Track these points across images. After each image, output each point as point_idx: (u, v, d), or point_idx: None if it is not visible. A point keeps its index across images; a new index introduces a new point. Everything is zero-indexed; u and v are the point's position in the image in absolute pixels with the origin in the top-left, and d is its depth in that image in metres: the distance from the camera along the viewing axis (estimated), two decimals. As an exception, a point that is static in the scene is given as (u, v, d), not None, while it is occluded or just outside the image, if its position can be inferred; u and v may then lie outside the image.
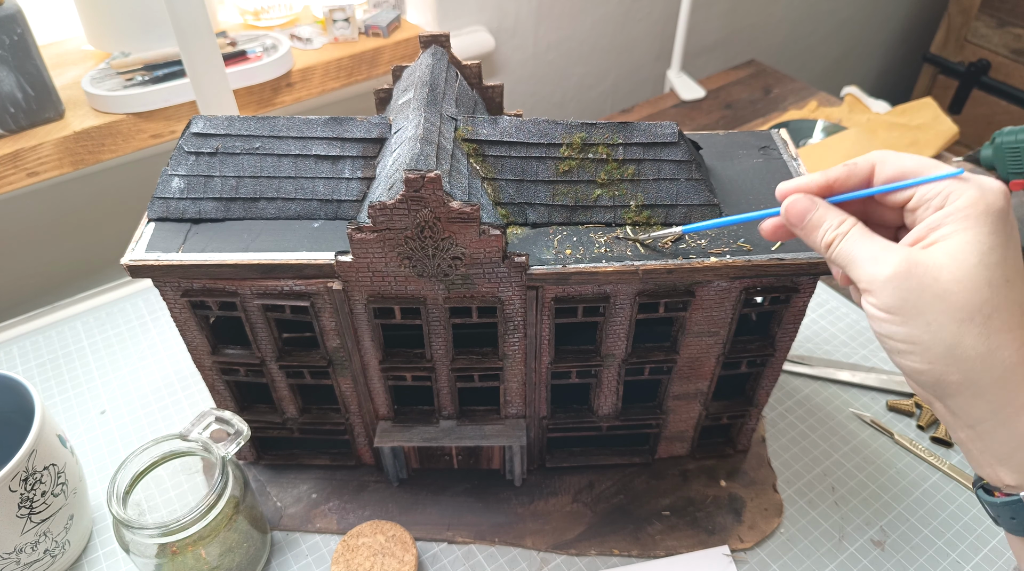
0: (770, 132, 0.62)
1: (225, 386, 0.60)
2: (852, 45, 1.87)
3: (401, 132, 0.51)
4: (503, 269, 0.50)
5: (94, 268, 1.03)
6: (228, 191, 0.53)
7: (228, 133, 0.53)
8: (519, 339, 0.55)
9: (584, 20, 1.29)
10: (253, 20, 1.03)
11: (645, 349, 0.58)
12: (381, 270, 0.50)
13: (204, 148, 0.53)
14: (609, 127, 0.52)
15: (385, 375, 0.58)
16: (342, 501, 0.66)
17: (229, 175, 0.53)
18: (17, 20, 0.78)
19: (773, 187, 0.52)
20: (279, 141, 0.53)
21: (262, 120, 0.53)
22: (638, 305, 0.53)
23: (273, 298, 0.53)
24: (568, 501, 0.66)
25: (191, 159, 0.53)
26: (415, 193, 0.45)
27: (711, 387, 0.62)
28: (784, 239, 0.47)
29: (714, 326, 0.56)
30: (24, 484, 0.53)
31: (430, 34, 0.59)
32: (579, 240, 0.51)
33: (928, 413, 0.72)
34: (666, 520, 0.64)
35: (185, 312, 0.54)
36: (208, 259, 0.50)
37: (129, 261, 0.50)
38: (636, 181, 0.52)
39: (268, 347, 0.57)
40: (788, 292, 0.54)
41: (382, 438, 0.61)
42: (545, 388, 0.60)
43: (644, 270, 0.50)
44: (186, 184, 0.53)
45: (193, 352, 0.58)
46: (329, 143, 0.53)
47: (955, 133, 1.13)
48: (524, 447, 0.62)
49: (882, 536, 0.63)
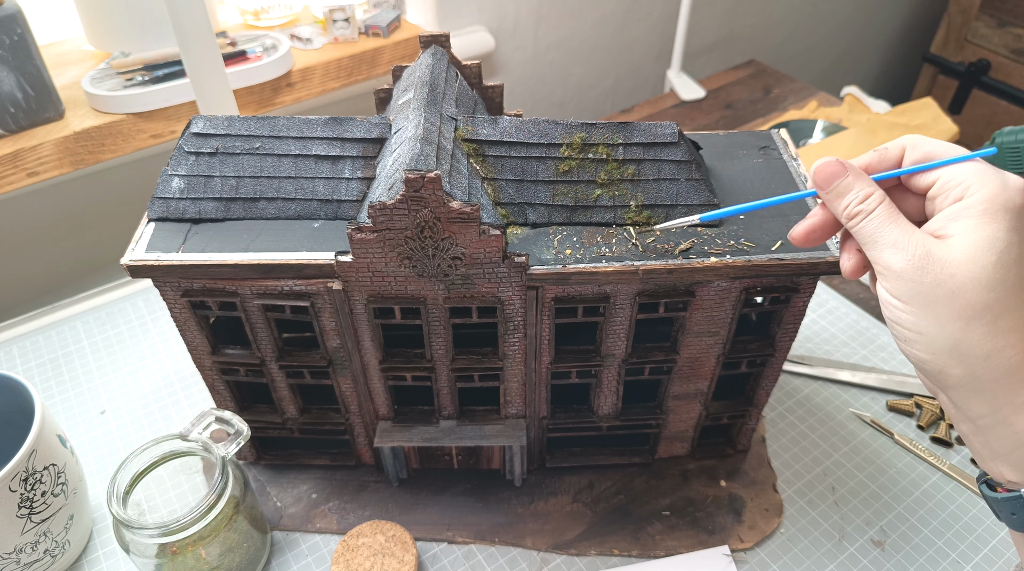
0: (770, 132, 0.62)
1: (225, 386, 0.60)
2: (852, 45, 1.87)
3: (401, 132, 0.51)
4: (503, 269, 0.50)
5: (94, 268, 1.03)
6: (228, 191, 0.53)
7: (228, 133, 0.53)
8: (519, 339, 0.55)
9: (584, 20, 1.29)
10: (253, 20, 1.03)
11: (645, 349, 0.58)
12: (381, 270, 0.50)
13: (204, 148, 0.53)
14: (609, 127, 0.52)
15: (385, 375, 0.58)
16: (342, 501, 0.66)
17: (229, 175, 0.53)
18: (17, 20, 0.78)
19: (773, 187, 0.52)
20: (279, 141, 0.53)
21: (262, 120, 0.53)
22: (638, 305, 0.53)
23: (273, 298, 0.53)
24: (568, 501, 0.66)
25: (191, 159, 0.53)
26: (415, 193, 0.45)
27: (711, 387, 0.62)
28: (816, 243, 0.45)
29: (714, 326, 0.56)
30: (24, 484, 0.53)
31: (430, 34, 0.59)
32: (579, 240, 0.51)
33: (928, 413, 0.72)
34: (666, 520, 0.64)
35: (185, 312, 0.54)
36: (208, 259, 0.50)
37: (129, 261, 0.50)
38: (636, 181, 0.52)
39: (268, 347, 0.57)
40: (788, 292, 0.54)
41: (382, 438, 0.61)
42: (545, 388, 0.60)
43: (644, 270, 0.50)
44: (186, 184, 0.53)
45: (193, 352, 0.58)
46: (329, 143, 0.53)
47: (955, 133, 1.13)
48: (524, 447, 0.62)
49: (882, 536, 0.63)
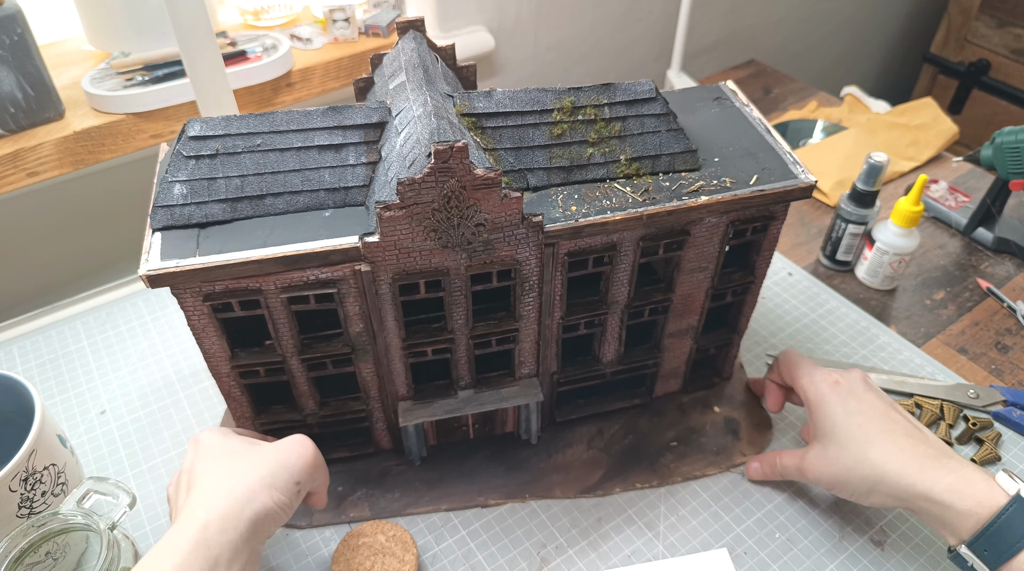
0: (719, 84, 0.68)
1: (242, 391, 0.60)
2: (852, 45, 1.87)
3: (405, 112, 0.52)
4: (522, 230, 0.53)
5: (94, 268, 1.03)
6: (233, 191, 0.52)
7: (227, 133, 0.53)
8: (533, 298, 0.58)
9: (584, 20, 1.29)
10: (253, 20, 1.03)
11: (645, 292, 0.63)
12: (407, 246, 0.51)
13: (204, 151, 0.52)
14: (594, 90, 0.56)
15: (406, 353, 0.59)
16: (369, 489, 0.66)
17: (233, 175, 0.52)
18: (17, 20, 0.78)
19: (735, 133, 0.62)
20: (280, 135, 0.53)
21: (260, 117, 0.53)
22: (641, 250, 0.58)
23: (298, 290, 0.52)
24: (584, 449, 0.70)
25: (191, 163, 0.52)
26: (443, 164, 0.47)
27: (701, 321, 0.67)
28: (779, 408, 0.69)
29: (704, 261, 0.62)
30: (24, 484, 0.53)
31: (406, 19, 0.60)
32: (580, 197, 0.55)
33: (928, 413, 0.73)
34: (675, 450, 0.70)
35: (204, 318, 0.53)
36: (231, 259, 0.49)
37: (147, 272, 0.49)
38: (623, 137, 0.56)
39: (289, 342, 0.56)
40: (766, 220, 0.60)
41: (406, 417, 0.62)
42: (556, 343, 0.63)
43: (648, 215, 0.54)
44: (189, 189, 0.52)
45: (211, 360, 0.57)
46: (331, 132, 0.53)
47: (955, 133, 1.13)
48: (540, 403, 0.65)
49: (882, 536, 0.63)
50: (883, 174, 0.82)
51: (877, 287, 0.88)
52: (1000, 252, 0.94)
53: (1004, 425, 0.72)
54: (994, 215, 0.93)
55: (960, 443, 0.71)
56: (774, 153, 0.60)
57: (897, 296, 0.88)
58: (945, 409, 0.73)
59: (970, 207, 0.97)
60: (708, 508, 0.65)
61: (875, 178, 0.82)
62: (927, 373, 0.78)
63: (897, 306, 0.87)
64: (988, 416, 0.73)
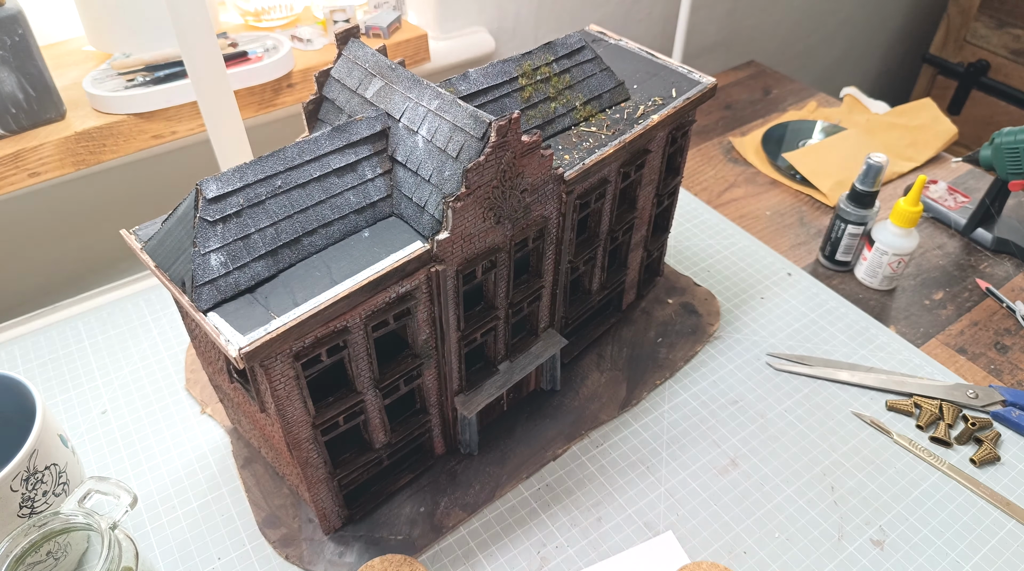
0: (584, 29, 0.76)
1: (320, 452, 0.56)
2: (852, 45, 1.87)
3: (411, 111, 0.53)
4: (551, 185, 0.56)
5: (94, 268, 1.03)
6: (270, 242, 0.49)
7: (245, 184, 0.49)
8: (552, 250, 0.62)
9: (584, 21, 1.29)
10: (254, 21, 1.03)
11: (619, 216, 0.71)
12: (470, 233, 0.53)
13: (228, 210, 0.48)
14: (541, 50, 0.64)
15: (459, 345, 0.60)
16: (448, 495, 0.66)
17: (265, 226, 0.49)
18: (18, 21, 0.78)
19: (629, 63, 0.72)
20: (297, 171, 0.51)
21: (272, 157, 0.51)
22: (621, 176, 0.65)
23: (381, 314, 0.52)
24: (599, 376, 0.77)
25: (219, 228, 0.48)
26: (503, 139, 0.49)
27: (649, 230, 0.77)
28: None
29: (653, 174, 0.71)
30: (25, 484, 0.54)
31: (344, 29, 0.60)
32: (564, 147, 0.61)
33: (927, 413, 0.73)
34: (664, 344, 0.80)
35: (290, 383, 0.50)
36: (320, 303, 0.47)
37: (244, 350, 0.44)
38: (572, 86, 0.64)
39: (367, 377, 0.55)
40: (688, 124, 0.71)
41: (467, 407, 0.64)
42: (564, 289, 0.68)
43: (628, 141, 0.62)
44: (226, 255, 0.48)
45: (292, 427, 0.52)
46: (342, 153, 0.53)
47: (954, 134, 1.13)
48: (562, 347, 0.70)
49: (881, 536, 0.64)
50: (882, 175, 0.82)
51: (876, 287, 0.89)
52: (999, 252, 0.95)
53: (1003, 425, 0.73)
54: (993, 215, 0.93)
55: (959, 443, 0.71)
56: (670, 70, 0.71)
57: (896, 296, 0.88)
58: (944, 409, 0.73)
59: (969, 207, 0.97)
60: (708, 508, 0.66)
61: (874, 179, 0.83)
62: (926, 373, 0.78)
63: (896, 306, 0.87)
64: (987, 416, 0.73)
